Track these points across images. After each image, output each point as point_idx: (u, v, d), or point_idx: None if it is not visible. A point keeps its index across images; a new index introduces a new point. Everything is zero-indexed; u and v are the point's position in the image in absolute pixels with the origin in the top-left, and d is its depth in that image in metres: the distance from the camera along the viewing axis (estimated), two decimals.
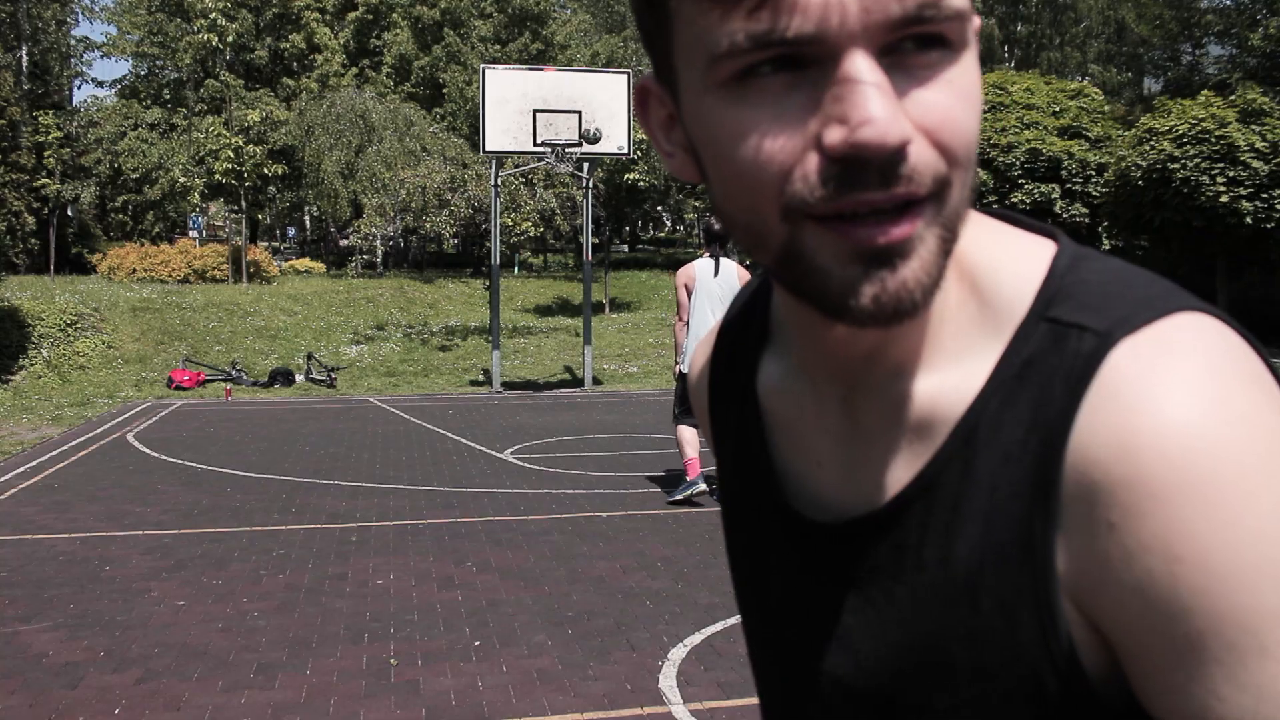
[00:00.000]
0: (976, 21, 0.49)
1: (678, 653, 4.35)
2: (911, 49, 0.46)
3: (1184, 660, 0.46)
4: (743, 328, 0.70)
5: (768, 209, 0.47)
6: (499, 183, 14.90)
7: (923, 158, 0.46)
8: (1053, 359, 0.50)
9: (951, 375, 0.54)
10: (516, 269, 31.28)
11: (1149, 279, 0.52)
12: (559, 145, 13.25)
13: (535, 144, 13.37)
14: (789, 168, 0.46)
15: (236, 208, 25.02)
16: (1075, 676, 0.50)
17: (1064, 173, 15.19)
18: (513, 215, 20.51)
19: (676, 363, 7.12)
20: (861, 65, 0.44)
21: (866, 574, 0.57)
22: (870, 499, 0.57)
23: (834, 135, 0.44)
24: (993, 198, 15.07)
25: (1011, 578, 0.51)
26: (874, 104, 0.44)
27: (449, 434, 10.84)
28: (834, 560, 0.59)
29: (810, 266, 0.48)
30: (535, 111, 13.29)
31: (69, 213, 31.93)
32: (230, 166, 23.74)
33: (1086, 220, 15.23)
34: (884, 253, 0.46)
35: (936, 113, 0.46)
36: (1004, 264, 0.55)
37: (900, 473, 0.56)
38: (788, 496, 0.63)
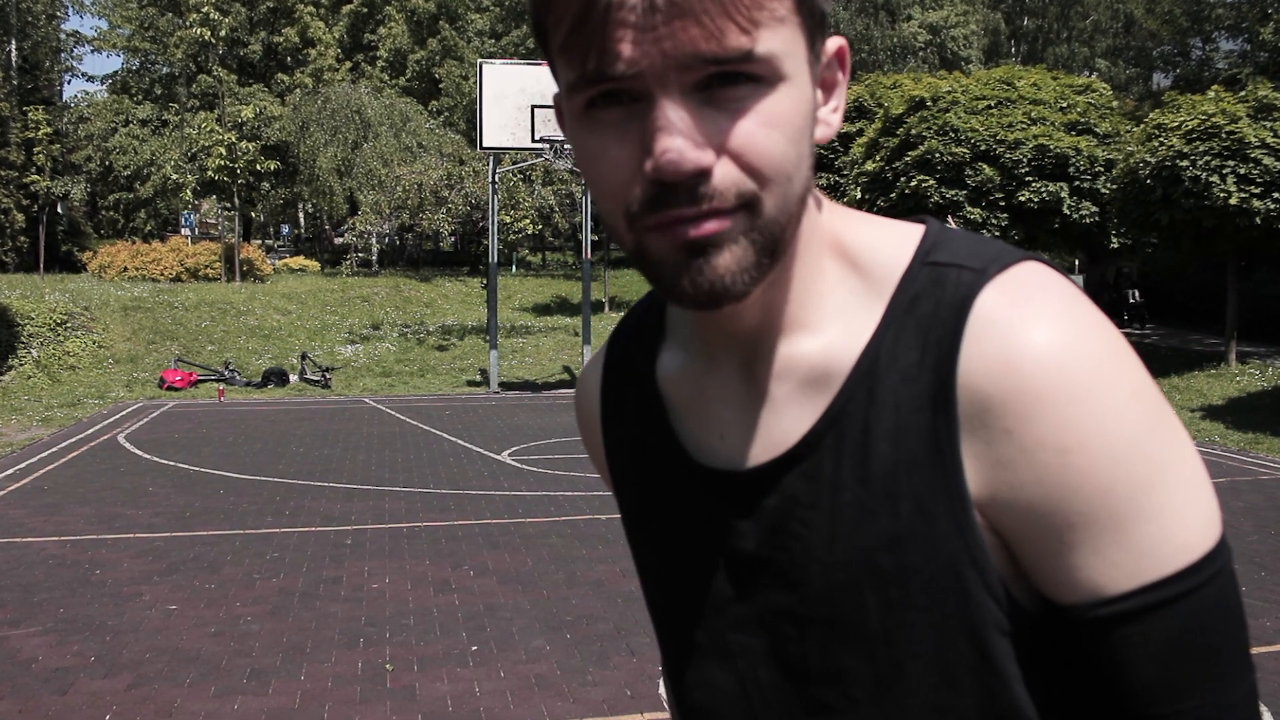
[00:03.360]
0: (833, 45, 0.61)
1: None
2: (719, 85, 0.55)
3: (1078, 537, 0.57)
4: (636, 333, 0.79)
5: (617, 218, 0.59)
6: (497, 179, 14.81)
7: (727, 178, 0.56)
8: (936, 291, 0.61)
9: (839, 333, 0.64)
10: (514, 267, 31.19)
11: (998, 240, 0.65)
12: (558, 141, 13.16)
13: (534, 140, 13.29)
14: (627, 187, 0.57)
15: (229, 205, 24.89)
16: (988, 569, 0.59)
17: (1072, 169, 15.00)
18: (511, 212, 20.44)
19: None
20: (665, 105, 0.54)
21: (785, 510, 0.64)
22: (778, 445, 0.65)
23: (647, 164, 0.55)
24: (999, 194, 14.80)
25: (925, 480, 0.60)
26: (672, 139, 0.54)
27: (445, 435, 10.77)
28: (752, 506, 0.66)
29: (651, 260, 0.59)
30: (534, 107, 13.20)
31: (59, 210, 31.76)
32: (223, 163, 23.61)
33: (1096, 218, 15.02)
34: (696, 245, 0.56)
35: (740, 139, 0.55)
36: (881, 241, 0.66)
37: (805, 417, 0.64)
38: (698, 460, 0.70)
